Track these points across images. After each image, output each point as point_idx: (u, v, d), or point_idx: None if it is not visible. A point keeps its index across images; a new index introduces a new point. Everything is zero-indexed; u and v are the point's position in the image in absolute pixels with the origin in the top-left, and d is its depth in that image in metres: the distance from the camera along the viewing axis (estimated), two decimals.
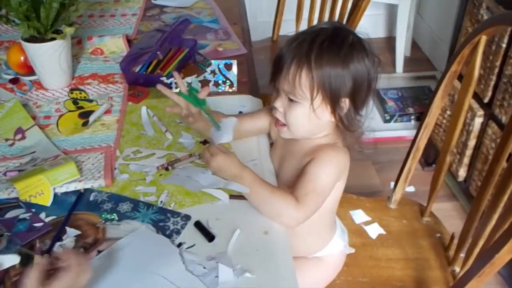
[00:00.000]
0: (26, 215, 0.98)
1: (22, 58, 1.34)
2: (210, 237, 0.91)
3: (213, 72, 1.32)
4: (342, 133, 1.01)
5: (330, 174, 0.98)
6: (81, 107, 1.26)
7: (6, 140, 1.16)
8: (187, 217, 0.95)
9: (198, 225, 0.93)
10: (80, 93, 1.31)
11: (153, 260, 0.86)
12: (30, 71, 1.35)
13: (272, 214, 0.95)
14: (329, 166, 0.98)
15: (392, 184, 1.40)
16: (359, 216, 1.35)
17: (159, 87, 1.05)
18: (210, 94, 1.26)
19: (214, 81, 1.32)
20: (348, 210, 1.36)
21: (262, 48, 2.15)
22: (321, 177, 0.97)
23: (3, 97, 1.30)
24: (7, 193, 1.01)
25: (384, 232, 1.31)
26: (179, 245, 0.90)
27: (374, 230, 1.31)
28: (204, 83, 1.31)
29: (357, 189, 1.44)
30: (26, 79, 1.37)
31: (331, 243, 1.15)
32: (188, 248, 0.89)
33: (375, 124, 2.39)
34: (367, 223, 1.33)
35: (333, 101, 0.95)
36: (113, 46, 1.48)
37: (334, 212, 1.14)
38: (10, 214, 0.98)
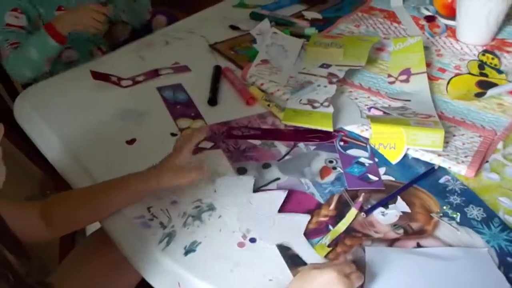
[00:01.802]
0: (366, 162, 0.86)
1: None
2: None
3: None
4: None
5: None
6: (485, 75, 1.02)
7: (389, 76, 1.04)
8: None
9: None
10: (493, 59, 1.06)
11: None
12: (452, 14, 1.16)
13: None
14: None
15: None
16: None
17: None
18: None
19: None
20: None
21: None
22: None
23: (410, 32, 1.18)
24: (361, 130, 0.90)
25: None
26: None
27: None
28: None
29: None
30: (443, 21, 1.20)
31: None
32: None
33: None
34: None
35: None
36: None
37: None
38: (352, 152, 0.88)
